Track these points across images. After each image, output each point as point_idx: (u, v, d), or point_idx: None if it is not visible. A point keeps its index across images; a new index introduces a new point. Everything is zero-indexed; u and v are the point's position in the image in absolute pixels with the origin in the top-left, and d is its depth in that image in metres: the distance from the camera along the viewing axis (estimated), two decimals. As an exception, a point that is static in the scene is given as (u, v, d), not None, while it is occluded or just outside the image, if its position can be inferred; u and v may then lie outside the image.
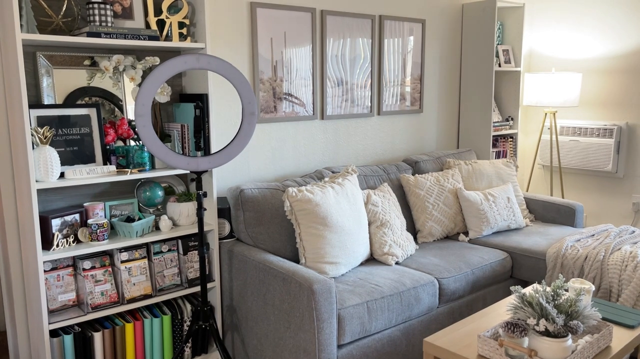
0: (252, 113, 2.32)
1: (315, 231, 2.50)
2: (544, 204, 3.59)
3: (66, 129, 2.29)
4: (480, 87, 3.98)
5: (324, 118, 3.31)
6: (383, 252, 2.77)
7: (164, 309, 2.55)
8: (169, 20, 2.43)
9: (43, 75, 2.27)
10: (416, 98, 3.82)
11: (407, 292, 2.48)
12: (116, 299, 2.36)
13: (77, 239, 2.31)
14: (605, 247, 2.81)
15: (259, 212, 2.61)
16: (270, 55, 3.01)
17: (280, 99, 3.09)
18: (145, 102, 2.09)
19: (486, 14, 3.86)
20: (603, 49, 4.01)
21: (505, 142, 4.18)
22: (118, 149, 2.41)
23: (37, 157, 2.10)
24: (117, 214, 2.49)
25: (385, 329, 2.43)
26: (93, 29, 2.18)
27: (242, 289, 2.54)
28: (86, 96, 2.40)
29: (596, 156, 4.03)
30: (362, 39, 3.43)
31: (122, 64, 2.40)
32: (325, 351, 2.18)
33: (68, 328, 2.30)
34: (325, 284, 2.18)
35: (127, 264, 2.39)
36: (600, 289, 2.71)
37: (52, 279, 2.26)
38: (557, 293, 1.85)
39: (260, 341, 2.48)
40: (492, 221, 3.23)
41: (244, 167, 3.01)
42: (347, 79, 3.40)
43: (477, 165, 3.53)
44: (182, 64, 2.15)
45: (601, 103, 4.07)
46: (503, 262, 2.98)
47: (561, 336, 1.77)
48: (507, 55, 4.09)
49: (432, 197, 3.22)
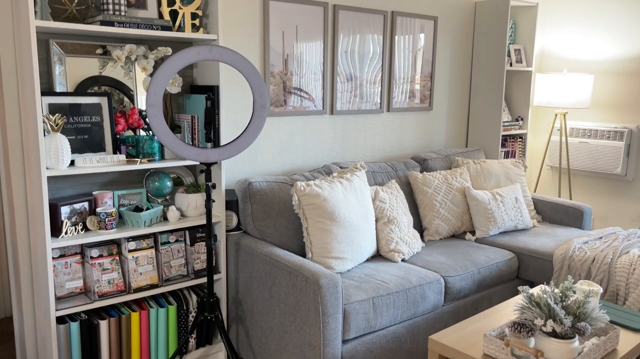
0: (263, 106, 2.32)
1: (323, 226, 2.49)
2: (552, 206, 3.57)
3: (77, 118, 2.29)
4: (490, 86, 3.96)
5: (333, 113, 3.30)
6: (389, 249, 2.77)
7: (169, 300, 2.56)
8: (182, 10, 2.43)
9: (55, 63, 2.27)
10: (426, 95, 3.81)
11: (413, 289, 2.47)
12: (123, 288, 2.37)
13: (86, 227, 2.32)
14: (613, 250, 2.79)
15: (266, 206, 2.61)
16: (281, 48, 3.00)
17: (290, 92, 3.08)
18: (157, 92, 2.09)
19: (499, 13, 3.84)
20: (615, 51, 3.98)
21: (515, 142, 4.16)
22: (128, 138, 2.41)
23: (48, 145, 2.10)
24: (126, 203, 2.50)
25: (390, 325, 2.43)
26: (106, 18, 2.18)
27: (248, 282, 2.55)
28: (97, 84, 2.40)
29: (606, 159, 4.01)
30: (374, 34, 3.41)
31: (134, 54, 2.40)
32: (330, 345, 2.18)
33: (74, 315, 2.31)
34: (332, 279, 2.18)
35: (135, 254, 2.40)
36: (607, 292, 2.70)
37: (60, 267, 2.27)
38: (566, 294, 1.85)
39: (265, 334, 2.48)
40: (499, 220, 3.22)
41: (253, 160, 3.01)
42: (357, 74, 3.38)
43: (485, 164, 3.52)
44: (195, 55, 2.14)
45: (612, 105, 4.04)
46: (509, 262, 2.97)
47: (568, 338, 1.76)
48: (518, 54, 4.07)
49: (439, 196, 3.21)
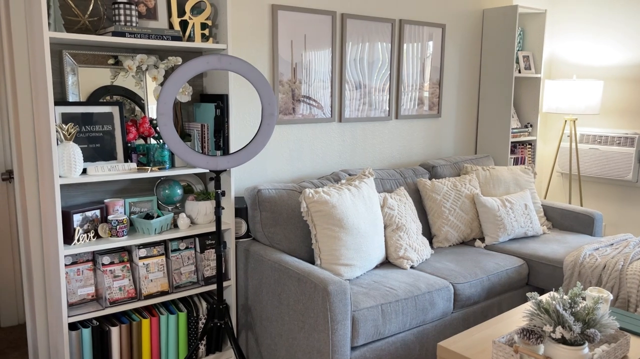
0: (272, 114, 2.34)
1: (331, 233, 2.51)
2: (562, 212, 3.55)
3: (89, 127, 2.33)
4: (499, 93, 3.96)
5: (341, 121, 3.32)
6: (398, 255, 2.77)
7: (180, 306, 2.58)
8: (191, 21, 2.47)
9: (68, 73, 2.32)
10: (434, 103, 3.82)
11: (421, 296, 2.47)
12: (134, 295, 2.40)
13: (97, 234, 2.35)
14: (624, 257, 2.77)
15: (275, 213, 2.63)
16: (290, 57, 3.03)
17: (299, 101, 3.11)
18: (167, 100, 2.12)
19: (507, 20, 3.85)
20: (624, 57, 3.97)
21: (524, 149, 4.15)
22: (139, 147, 2.45)
23: (61, 153, 2.14)
24: (137, 211, 2.53)
25: (399, 332, 2.43)
26: (118, 29, 2.22)
27: (258, 289, 2.56)
28: (109, 94, 2.44)
29: (616, 165, 3.98)
30: (382, 42, 3.43)
31: (145, 64, 2.44)
32: (338, 352, 2.19)
33: (86, 322, 2.34)
34: (341, 286, 2.18)
35: (145, 261, 2.43)
36: (618, 299, 2.68)
37: (72, 273, 2.30)
38: (575, 300, 1.84)
39: (274, 341, 2.49)
40: (508, 227, 3.21)
41: (262, 167, 3.03)
42: (366, 82, 3.40)
43: (494, 171, 3.51)
44: (204, 64, 2.18)
45: (622, 111, 4.02)
46: (519, 269, 2.96)
47: (578, 344, 1.75)
48: (527, 61, 4.07)
49: (448, 202, 3.21)
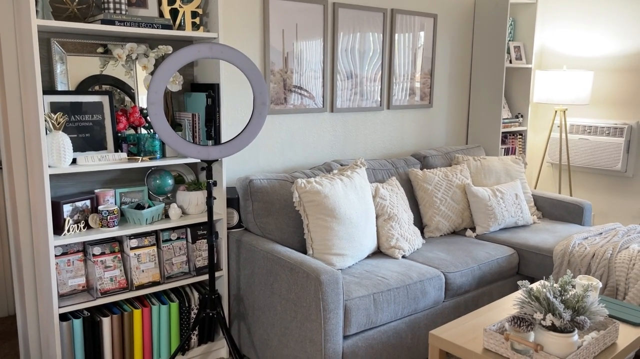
0: (264, 103, 2.33)
1: (323, 223, 2.51)
2: (552, 202, 3.58)
3: (78, 116, 2.31)
4: (490, 84, 3.97)
5: (333, 111, 3.31)
6: (390, 245, 2.78)
7: (171, 297, 2.58)
8: (182, 9, 2.44)
9: (57, 61, 2.29)
10: (426, 93, 3.82)
11: (413, 285, 2.49)
12: (125, 286, 2.39)
13: (88, 225, 2.33)
14: (613, 246, 2.81)
15: (267, 203, 2.63)
16: (281, 46, 3.01)
17: (291, 91, 3.10)
18: (157, 90, 2.11)
19: (498, 10, 3.85)
20: (615, 47, 3.99)
21: (515, 139, 4.17)
22: (129, 136, 2.42)
23: (50, 143, 2.12)
24: (127, 201, 2.51)
25: (391, 321, 2.45)
26: (107, 17, 2.19)
27: (250, 279, 2.56)
28: (98, 83, 2.42)
29: (606, 155, 4.02)
30: (373, 32, 3.42)
31: (135, 52, 2.41)
32: (331, 341, 2.20)
33: (77, 313, 2.33)
34: (333, 275, 2.19)
35: (136, 251, 2.42)
36: (607, 287, 2.71)
37: (63, 264, 2.28)
38: (565, 288, 1.86)
39: (266, 331, 2.50)
40: (499, 217, 3.23)
41: (253, 158, 3.02)
42: (357, 72, 3.39)
43: (485, 161, 3.53)
44: (195, 53, 2.16)
45: (612, 102, 4.05)
46: (510, 258, 2.98)
47: (567, 332, 1.77)
48: (518, 51, 4.07)
49: (440, 192, 3.22)
